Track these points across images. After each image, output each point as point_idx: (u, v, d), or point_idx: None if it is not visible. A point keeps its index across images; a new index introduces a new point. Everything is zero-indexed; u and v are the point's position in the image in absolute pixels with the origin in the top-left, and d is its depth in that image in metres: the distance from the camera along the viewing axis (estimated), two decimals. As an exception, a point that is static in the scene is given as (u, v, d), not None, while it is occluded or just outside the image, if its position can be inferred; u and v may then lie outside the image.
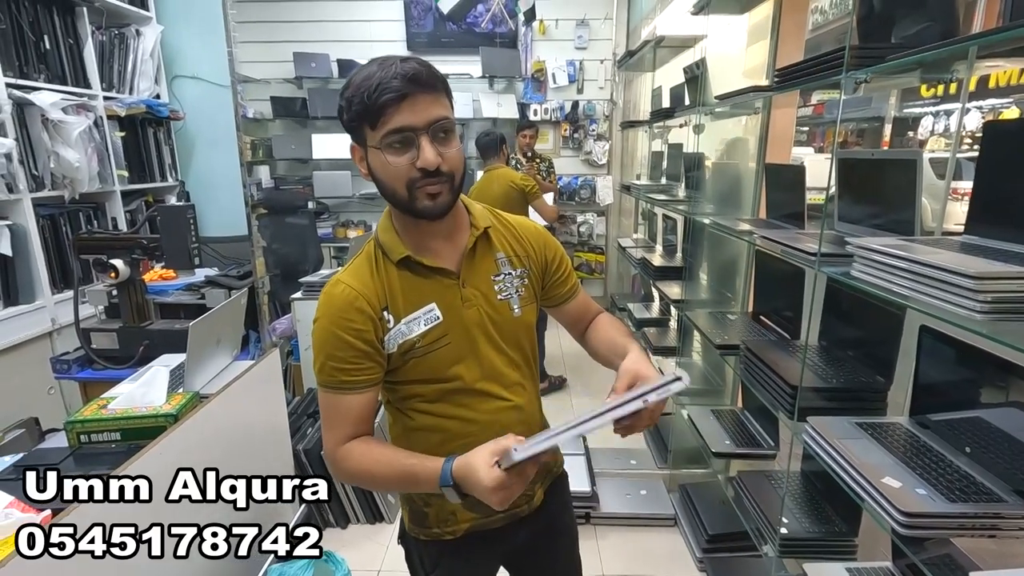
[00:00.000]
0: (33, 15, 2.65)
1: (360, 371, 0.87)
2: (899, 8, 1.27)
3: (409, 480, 0.84)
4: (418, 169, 0.79)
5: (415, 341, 0.87)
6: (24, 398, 2.47)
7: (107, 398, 1.38)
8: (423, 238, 0.89)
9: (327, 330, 0.86)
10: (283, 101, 4.44)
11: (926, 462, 1.05)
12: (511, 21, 4.41)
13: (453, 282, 0.90)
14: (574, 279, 1.05)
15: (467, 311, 0.90)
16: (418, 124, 0.78)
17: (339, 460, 0.88)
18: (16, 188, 2.44)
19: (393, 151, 0.80)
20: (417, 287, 0.89)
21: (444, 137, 0.81)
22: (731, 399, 2.39)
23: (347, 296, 0.86)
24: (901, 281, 0.95)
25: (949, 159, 1.47)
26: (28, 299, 2.56)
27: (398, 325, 0.87)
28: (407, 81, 0.76)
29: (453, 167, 0.82)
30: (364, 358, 0.86)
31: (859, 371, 1.36)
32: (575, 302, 1.04)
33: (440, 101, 0.81)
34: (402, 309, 0.88)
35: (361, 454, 0.87)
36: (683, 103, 2.69)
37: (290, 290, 2.87)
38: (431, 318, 0.88)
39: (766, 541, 1.50)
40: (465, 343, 0.90)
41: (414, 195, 0.82)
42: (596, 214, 4.77)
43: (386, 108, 0.77)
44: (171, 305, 2.33)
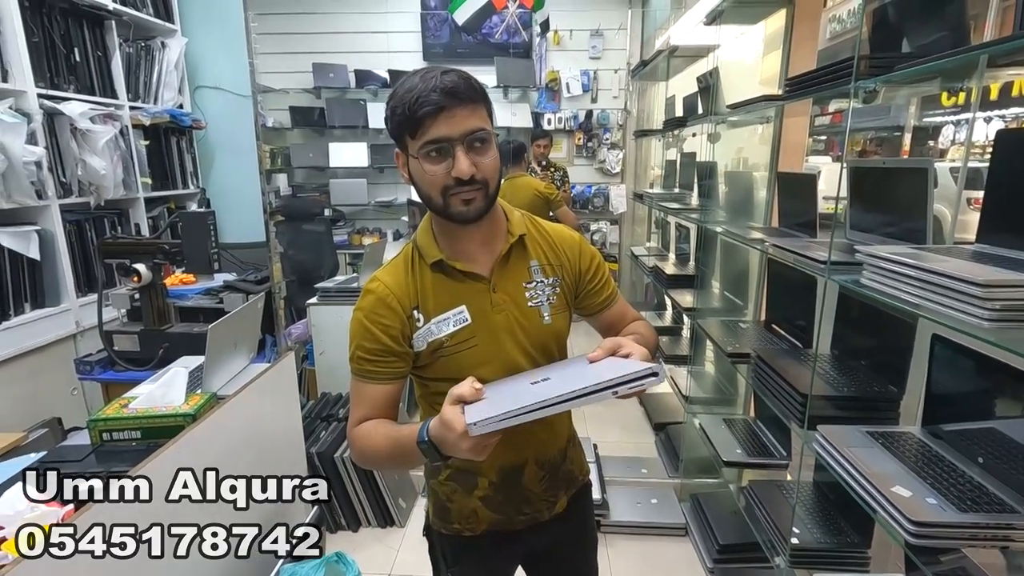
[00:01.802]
0: (64, 28, 2.75)
1: (384, 363, 0.91)
2: (912, 18, 1.27)
3: (398, 447, 0.85)
4: (453, 177, 0.83)
5: (443, 340, 0.91)
6: (48, 398, 2.54)
7: (128, 398, 1.42)
8: (459, 242, 0.92)
9: (360, 322, 0.91)
10: (301, 111, 4.54)
11: (937, 472, 1.04)
12: (525, 32, 4.46)
13: (484, 287, 0.92)
14: (611, 288, 1.05)
15: (496, 315, 0.92)
16: (453, 135, 0.81)
17: (352, 439, 0.93)
18: (45, 194, 2.52)
19: (430, 160, 0.83)
20: (449, 289, 0.92)
21: (480, 147, 0.84)
22: (743, 408, 2.37)
23: (380, 293, 0.91)
24: (910, 289, 0.95)
25: (962, 168, 1.46)
26: (54, 302, 2.63)
27: (427, 324, 0.91)
28: (445, 94, 0.79)
29: (487, 175, 0.85)
30: (388, 352, 0.90)
31: (871, 380, 1.35)
32: (611, 311, 1.05)
33: (477, 113, 0.83)
34: (432, 309, 0.91)
35: (367, 431, 0.90)
36: (696, 112, 2.70)
37: (306, 295, 2.92)
38: (460, 320, 0.91)
39: (777, 552, 1.49)
40: (493, 346, 0.92)
41: (448, 201, 0.85)
42: (609, 222, 4.78)
43: (424, 120, 0.80)
44: (190, 309, 2.39)
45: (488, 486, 0.99)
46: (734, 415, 2.26)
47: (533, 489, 1.00)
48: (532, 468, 0.99)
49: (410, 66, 4.42)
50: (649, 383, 0.70)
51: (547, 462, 1.01)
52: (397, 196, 4.67)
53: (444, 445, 0.76)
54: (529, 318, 0.94)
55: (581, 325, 1.14)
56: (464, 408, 0.75)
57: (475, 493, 1.00)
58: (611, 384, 0.69)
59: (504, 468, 0.98)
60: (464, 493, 1.00)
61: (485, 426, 0.70)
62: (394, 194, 4.69)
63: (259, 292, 2.32)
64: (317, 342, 2.83)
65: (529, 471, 0.99)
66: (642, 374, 0.69)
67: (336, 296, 2.80)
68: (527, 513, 1.02)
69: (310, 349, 2.91)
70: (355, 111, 4.48)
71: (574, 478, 1.08)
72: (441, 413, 0.76)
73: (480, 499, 1.00)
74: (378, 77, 4.45)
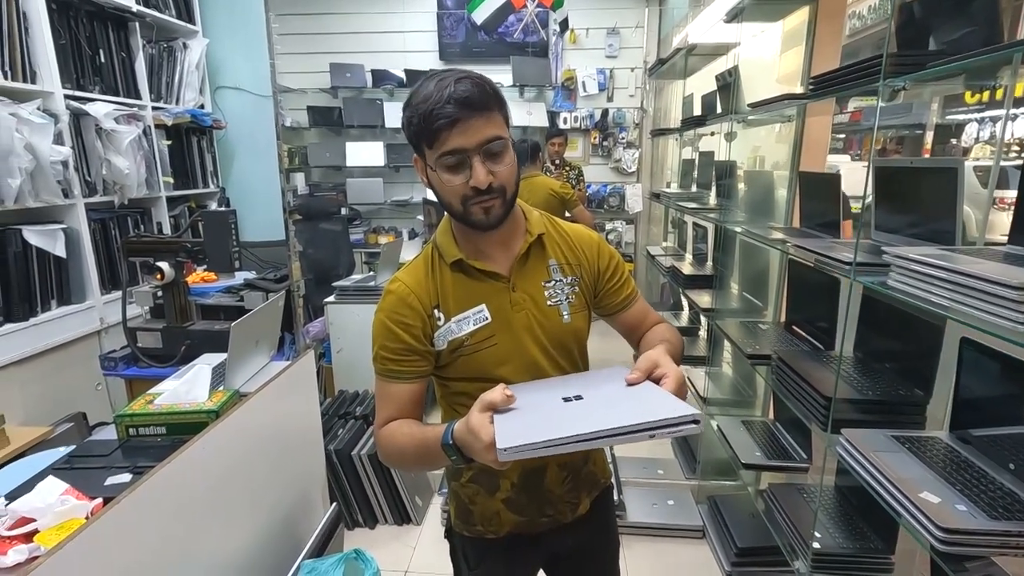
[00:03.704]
0: (90, 30, 2.80)
1: (407, 363, 0.91)
2: (939, 14, 1.24)
3: (423, 447, 0.84)
4: (471, 187, 0.83)
5: (464, 339, 0.91)
6: (73, 393, 2.59)
7: (153, 394, 1.45)
8: (478, 243, 0.93)
9: (382, 322, 0.92)
10: (319, 110, 4.58)
11: (967, 478, 1.02)
12: (543, 31, 4.45)
13: (504, 286, 0.93)
14: (630, 288, 1.04)
15: (516, 314, 0.92)
16: (469, 146, 0.81)
17: (379, 439, 0.93)
18: (71, 193, 2.57)
19: (448, 170, 0.83)
20: (469, 288, 0.92)
21: (496, 155, 0.83)
22: (762, 410, 2.35)
23: (401, 292, 0.92)
24: (941, 291, 0.93)
25: (992, 167, 1.41)
26: (79, 299, 2.68)
27: (448, 323, 0.91)
28: (459, 105, 0.79)
29: (504, 182, 0.85)
30: (410, 351, 0.91)
31: (896, 383, 1.33)
32: (631, 312, 1.04)
33: (492, 120, 0.83)
34: (452, 308, 0.92)
35: (392, 432, 0.90)
36: (715, 111, 2.67)
37: (323, 294, 2.95)
38: (480, 318, 0.91)
39: (798, 556, 1.47)
40: (513, 345, 0.92)
41: (468, 210, 0.86)
42: (625, 222, 4.76)
43: (440, 132, 0.81)
44: (211, 307, 2.42)
45: (510, 488, 0.99)
46: (752, 417, 2.23)
47: (555, 491, 1.00)
48: (554, 469, 0.99)
49: (426, 66, 4.44)
50: (688, 431, 0.66)
51: (569, 464, 1.01)
52: (413, 195, 4.69)
53: (469, 450, 0.75)
54: (548, 317, 0.94)
55: (596, 325, 1.13)
56: (493, 418, 0.72)
57: (497, 495, 1.00)
58: (650, 428, 0.66)
59: (526, 470, 0.98)
60: (486, 495, 1.00)
61: (517, 452, 0.66)
62: (410, 193, 4.72)
63: (279, 290, 2.35)
64: (335, 340, 2.85)
65: (551, 472, 0.99)
66: (682, 421, 0.66)
67: (353, 294, 2.83)
68: (549, 515, 1.01)
69: (327, 347, 2.93)
70: (372, 110, 4.51)
71: (596, 480, 1.07)
72: (468, 418, 0.74)
73: (503, 501, 1.00)
74: (394, 77, 4.48)
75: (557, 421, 0.70)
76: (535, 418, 0.73)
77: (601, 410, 0.72)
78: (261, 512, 1.37)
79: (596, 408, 0.74)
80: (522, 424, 0.71)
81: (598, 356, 1.04)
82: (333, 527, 1.58)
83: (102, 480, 1.17)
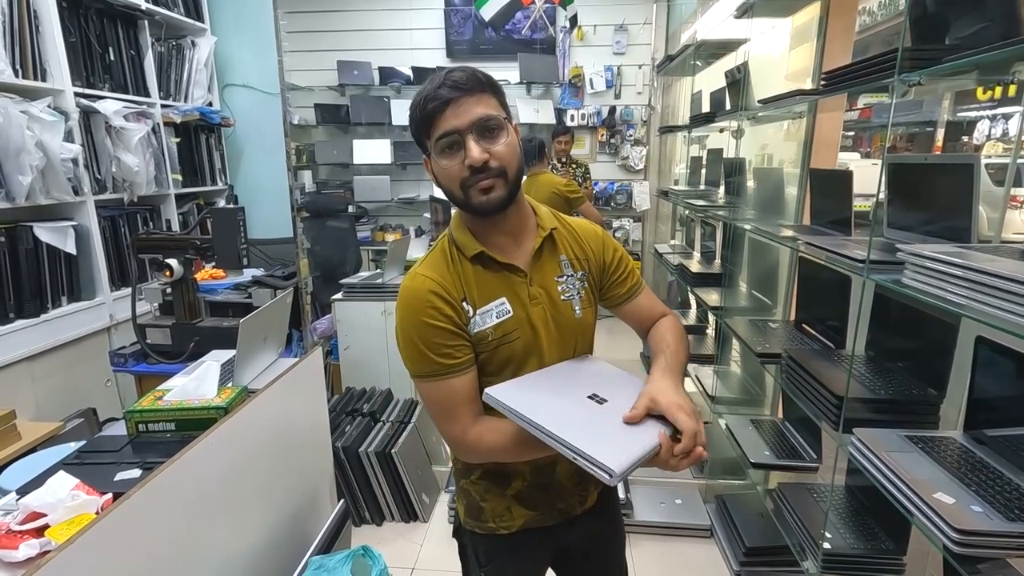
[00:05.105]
0: (100, 28, 2.82)
1: (458, 350, 0.88)
2: (954, 8, 1.22)
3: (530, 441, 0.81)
4: (467, 167, 0.82)
5: (488, 333, 0.90)
6: (82, 390, 2.61)
7: (163, 390, 1.45)
8: (491, 236, 0.92)
9: (414, 321, 0.87)
10: (327, 108, 4.58)
11: (982, 479, 1.01)
12: (551, 27, 4.44)
13: (522, 279, 0.92)
14: (635, 279, 1.04)
15: (534, 308, 0.92)
16: (461, 125, 0.81)
17: (474, 444, 0.89)
18: (81, 191, 2.59)
19: (445, 155, 0.84)
20: (489, 281, 0.91)
21: (491, 134, 0.83)
22: (770, 409, 2.33)
23: (427, 286, 0.88)
24: (957, 290, 0.92)
25: (1009, 165, 1.40)
26: (89, 295, 2.70)
27: (474, 316, 0.90)
28: (450, 88, 0.81)
29: (503, 161, 0.84)
30: (457, 338, 0.88)
31: (909, 383, 1.31)
32: (636, 302, 1.04)
33: (484, 101, 0.83)
34: (477, 300, 0.91)
35: (490, 432, 0.87)
36: (724, 107, 2.65)
37: (330, 291, 2.95)
38: (503, 311, 0.90)
39: (807, 556, 1.46)
40: (532, 340, 0.92)
41: (468, 193, 0.85)
42: (632, 220, 4.74)
43: (434, 116, 0.82)
44: (220, 303, 2.44)
45: (522, 482, 0.99)
46: (761, 416, 2.22)
47: (565, 484, 1.00)
48: (564, 463, 0.98)
49: (434, 63, 4.43)
50: (598, 475, 0.70)
51: None
52: (420, 193, 4.69)
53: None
54: (563, 312, 0.94)
55: (601, 324, 1.12)
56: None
57: (508, 491, 1.00)
58: (577, 453, 0.72)
59: (537, 463, 0.97)
60: (498, 491, 1.00)
61: (496, 404, 0.78)
62: (417, 191, 4.71)
63: (286, 287, 2.35)
64: (342, 337, 2.86)
65: (561, 465, 0.99)
66: (599, 466, 0.70)
67: (361, 292, 2.83)
68: (560, 508, 1.02)
69: (334, 344, 2.94)
70: (379, 108, 4.51)
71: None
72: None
73: (514, 496, 1.00)
74: (402, 74, 4.47)
75: (549, 409, 0.76)
76: (542, 396, 0.79)
77: (594, 427, 0.76)
78: (269, 508, 1.37)
79: (595, 420, 0.77)
80: (529, 391, 0.80)
81: (601, 354, 1.03)
82: (340, 524, 1.58)
83: (112, 475, 1.18)
